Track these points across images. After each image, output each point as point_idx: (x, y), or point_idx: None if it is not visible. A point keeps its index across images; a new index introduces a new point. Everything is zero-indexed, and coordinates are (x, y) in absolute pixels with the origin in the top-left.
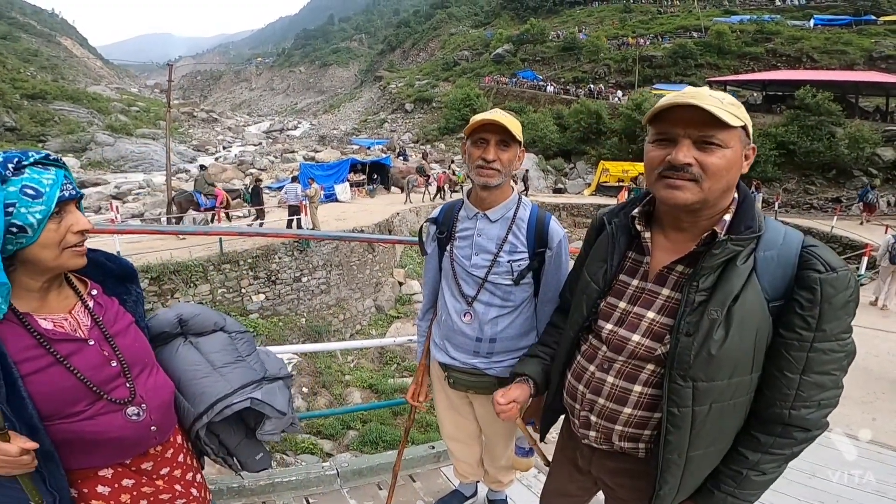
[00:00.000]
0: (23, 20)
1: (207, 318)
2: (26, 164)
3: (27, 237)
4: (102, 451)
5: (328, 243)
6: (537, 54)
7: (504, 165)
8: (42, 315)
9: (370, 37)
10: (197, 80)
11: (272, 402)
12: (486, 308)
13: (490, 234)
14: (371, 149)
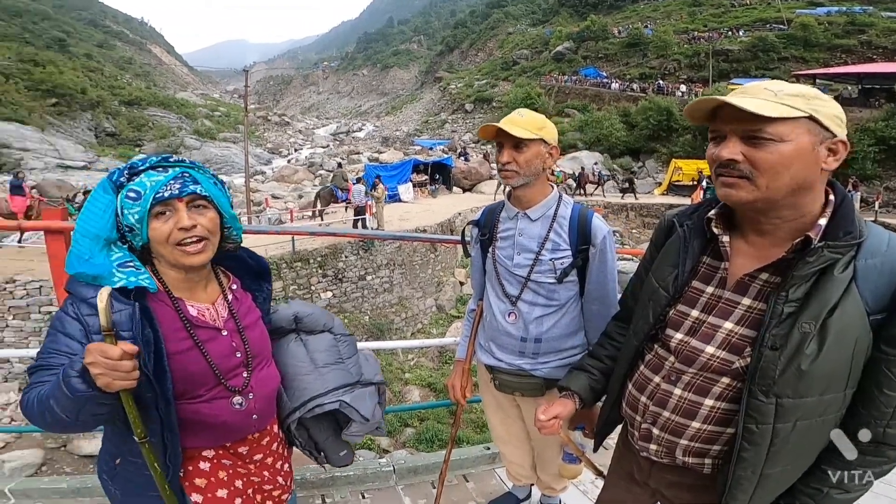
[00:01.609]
0: (117, 29)
1: (318, 318)
2: (141, 169)
3: (138, 235)
4: (211, 432)
5: (392, 243)
6: (600, 51)
7: (522, 166)
8: (191, 302)
9: (428, 38)
10: (270, 85)
11: (359, 407)
12: (530, 307)
13: (531, 233)
14: (433, 149)
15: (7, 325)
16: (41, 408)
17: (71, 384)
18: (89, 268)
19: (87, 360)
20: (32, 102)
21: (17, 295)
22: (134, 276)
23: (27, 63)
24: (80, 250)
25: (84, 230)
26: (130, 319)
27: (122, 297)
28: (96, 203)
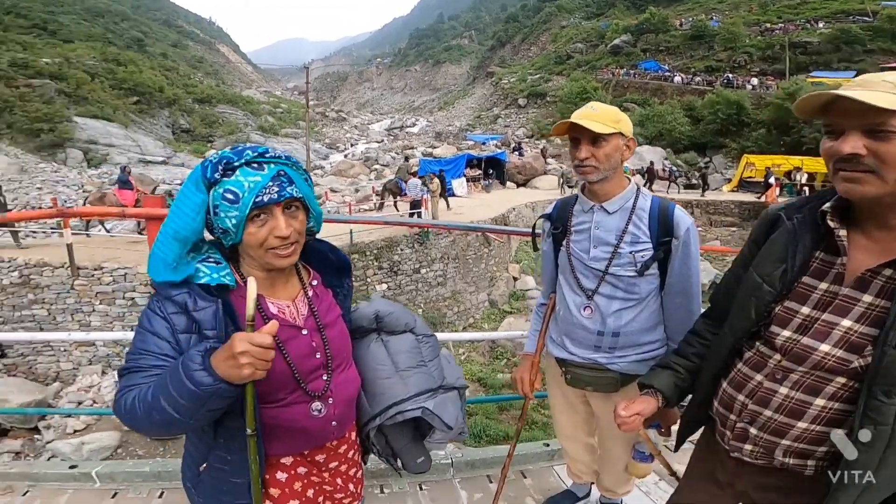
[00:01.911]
0: (188, 29)
1: (400, 317)
2: (238, 164)
3: (231, 237)
4: (289, 439)
5: (446, 237)
6: (660, 44)
7: (601, 161)
8: (272, 299)
9: (479, 33)
10: (326, 82)
11: (442, 414)
12: (608, 301)
13: (609, 226)
14: (486, 144)
15: (94, 310)
16: (147, 408)
17: (196, 378)
18: (176, 276)
19: (239, 349)
20: (116, 101)
21: (105, 281)
22: (216, 272)
23: (111, 63)
24: (167, 255)
25: (175, 232)
26: (214, 317)
27: (204, 293)
28: (187, 202)
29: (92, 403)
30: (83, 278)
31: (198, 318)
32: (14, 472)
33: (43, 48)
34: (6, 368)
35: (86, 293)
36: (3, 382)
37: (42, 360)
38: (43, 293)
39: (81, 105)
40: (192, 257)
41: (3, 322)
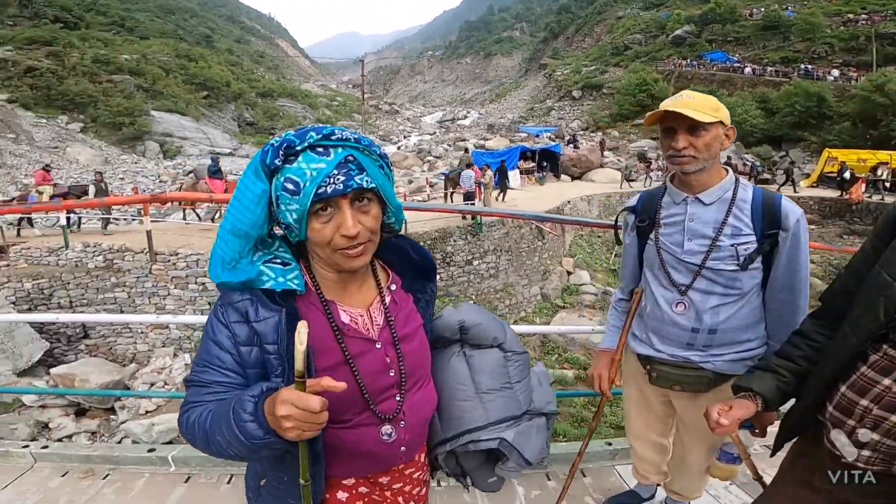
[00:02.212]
0: (250, 24)
1: (488, 329)
2: (300, 148)
3: (295, 233)
4: (353, 463)
5: (499, 228)
6: (728, 34)
7: (701, 151)
8: (344, 306)
9: (531, 25)
10: (379, 75)
11: (522, 446)
12: (704, 297)
13: (705, 218)
14: (539, 136)
15: (169, 294)
16: (204, 436)
17: (246, 430)
18: (235, 276)
19: (282, 413)
20: (188, 95)
21: (179, 266)
22: (282, 275)
23: (182, 58)
24: (226, 252)
25: (233, 227)
26: (276, 330)
27: (267, 299)
28: (247, 193)
29: (163, 385)
30: (160, 263)
31: (258, 329)
32: (97, 456)
33: (122, 45)
34: (88, 349)
35: (162, 277)
36: (86, 363)
37: (121, 341)
38: (124, 277)
39: (157, 99)
40: (259, 256)
41: (88, 304)
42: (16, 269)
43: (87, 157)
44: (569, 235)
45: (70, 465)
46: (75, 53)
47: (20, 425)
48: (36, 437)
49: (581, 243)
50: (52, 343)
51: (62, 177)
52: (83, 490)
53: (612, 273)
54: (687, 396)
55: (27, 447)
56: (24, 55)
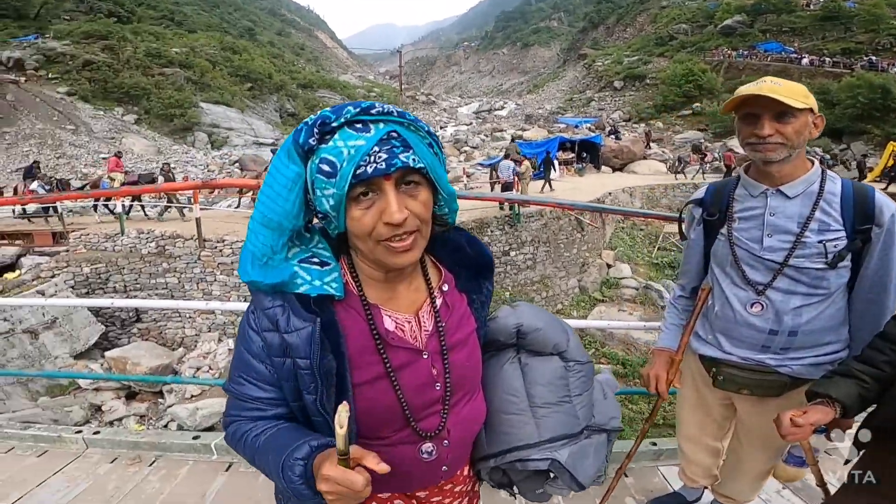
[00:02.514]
0: (290, 17)
1: (550, 336)
2: (336, 125)
3: (334, 223)
4: (390, 481)
5: (537, 219)
6: (783, 25)
7: (789, 138)
8: (388, 311)
9: (569, 15)
10: (416, 66)
11: (575, 469)
12: (785, 297)
13: (788, 212)
14: (579, 127)
15: (216, 280)
16: (251, 460)
17: (297, 490)
18: (268, 275)
19: (323, 489)
20: (234, 87)
21: (225, 253)
22: (318, 277)
23: (228, 51)
24: (257, 246)
25: (264, 216)
26: (309, 343)
27: (301, 306)
28: (279, 177)
29: (208, 369)
30: (208, 250)
31: (289, 341)
32: (144, 442)
33: (172, 38)
34: (140, 332)
35: (209, 263)
36: (138, 346)
37: (171, 325)
38: (175, 262)
39: (205, 91)
40: (295, 253)
41: (141, 288)
42: (75, 255)
43: (141, 148)
44: (609, 227)
45: (119, 451)
46: (129, 47)
47: (75, 408)
48: (89, 419)
49: (622, 236)
50: (107, 326)
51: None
52: (130, 477)
53: (655, 267)
54: (754, 400)
55: (80, 433)
56: (81, 49)
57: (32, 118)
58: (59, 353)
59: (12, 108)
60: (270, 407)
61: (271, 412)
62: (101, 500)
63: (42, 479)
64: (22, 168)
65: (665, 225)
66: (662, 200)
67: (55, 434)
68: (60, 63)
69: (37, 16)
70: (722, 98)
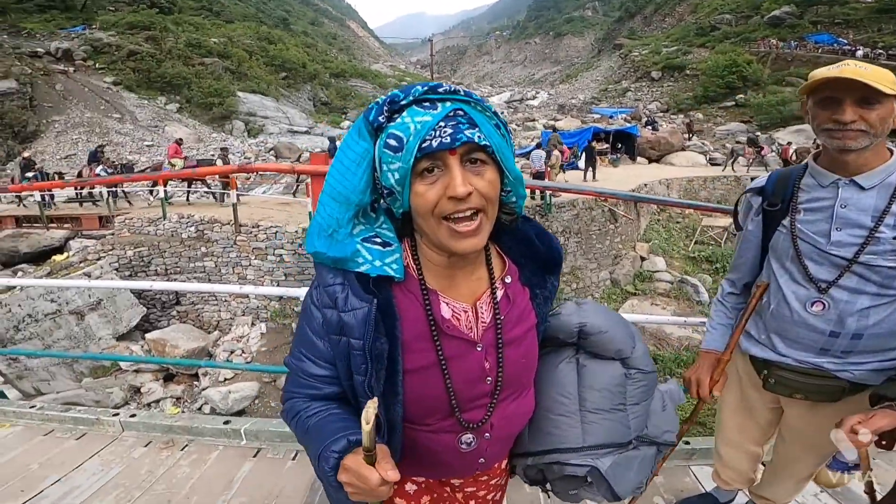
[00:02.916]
0: (323, 7)
1: (614, 339)
2: (405, 103)
3: (399, 200)
4: (426, 466)
5: (570, 210)
6: (836, 16)
7: (874, 125)
8: (447, 298)
9: (603, 4)
10: (447, 55)
11: (614, 480)
12: (851, 296)
13: (862, 205)
14: (613, 118)
15: (250, 264)
16: (298, 438)
17: (327, 479)
18: (332, 247)
19: (342, 479)
20: (269, 76)
21: (260, 238)
22: (380, 258)
23: (263, 41)
24: (325, 219)
25: (332, 189)
26: (364, 324)
27: (360, 286)
28: (348, 152)
29: (241, 353)
30: (243, 235)
31: (345, 320)
32: (178, 426)
33: (211, 28)
34: (179, 315)
35: (245, 248)
36: (176, 328)
37: (207, 309)
38: (213, 247)
39: (242, 81)
40: (360, 231)
41: (181, 272)
42: (120, 238)
43: (182, 135)
44: (644, 219)
45: (153, 434)
46: (170, 38)
47: (115, 389)
48: (128, 401)
49: (657, 228)
50: (148, 309)
51: (160, 154)
52: (162, 461)
53: (692, 261)
54: (807, 405)
55: (117, 415)
56: (126, 39)
57: (81, 107)
58: (103, 334)
59: (62, 97)
60: (325, 385)
61: (326, 390)
62: (133, 485)
63: (79, 462)
64: (74, 154)
65: (703, 217)
66: (701, 193)
67: (94, 417)
68: (107, 53)
69: (83, 7)
70: (768, 90)
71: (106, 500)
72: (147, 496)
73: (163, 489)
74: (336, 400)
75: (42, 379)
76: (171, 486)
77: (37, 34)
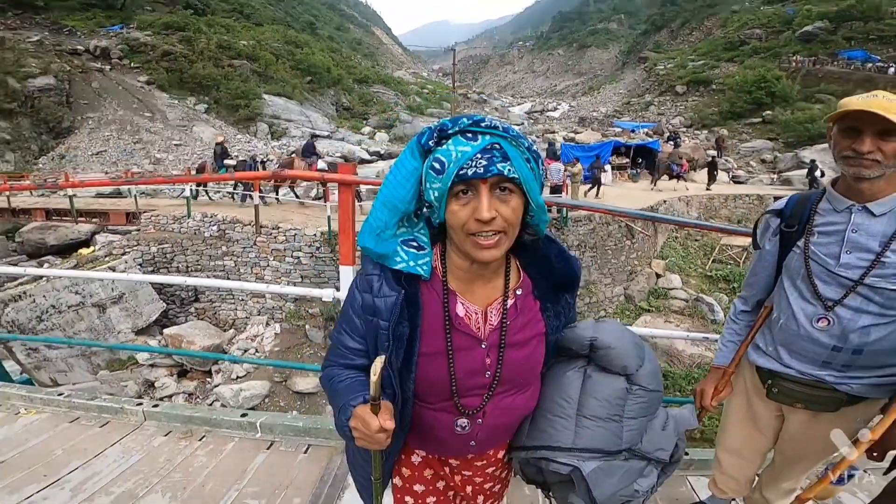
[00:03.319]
0: (349, 12)
1: (621, 356)
2: (452, 133)
3: (436, 213)
4: (427, 439)
5: (586, 224)
6: (870, 32)
7: (889, 157)
8: (463, 299)
9: (630, 17)
10: (469, 64)
11: (594, 483)
12: (854, 315)
13: (872, 231)
14: (635, 132)
15: (268, 265)
16: (330, 399)
17: (343, 427)
18: (378, 244)
19: (351, 424)
20: (294, 80)
21: (279, 240)
22: (413, 259)
23: (290, 45)
24: (376, 222)
25: (385, 198)
26: (392, 309)
27: (393, 278)
28: (401, 169)
29: (255, 352)
30: (263, 236)
31: (377, 304)
32: (197, 417)
33: (241, 31)
34: (197, 312)
35: (264, 249)
36: (193, 325)
37: (224, 307)
38: (233, 246)
39: (268, 83)
40: (402, 233)
41: (202, 269)
42: (145, 234)
43: (209, 136)
44: (661, 236)
45: (174, 424)
46: (203, 39)
47: (130, 383)
48: (142, 395)
49: (675, 245)
50: (167, 304)
51: (188, 153)
52: (180, 451)
53: (708, 279)
54: (808, 414)
55: (140, 405)
56: (161, 40)
57: (115, 105)
58: (123, 327)
59: (97, 94)
60: (357, 357)
61: (357, 361)
62: (151, 472)
63: (101, 449)
64: (105, 151)
65: (722, 237)
66: (722, 211)
67: (118, 405)
68: (142, 53)
69: (122, 6)
70: (797, 107)
71: (125, 487)
72: (164, 483)
73: (179, 477)
74: (364, 371)
75: (60, 370)
76: (187, 475)
77: (78, 32)
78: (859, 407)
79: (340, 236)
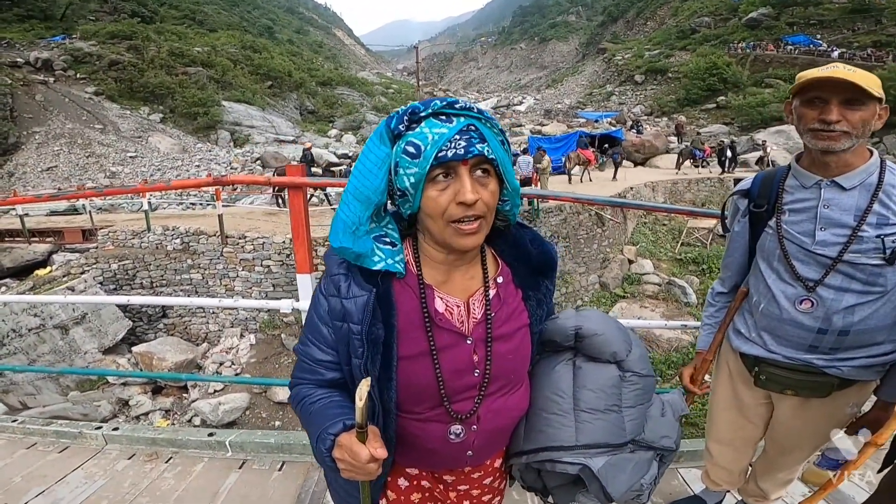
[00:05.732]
0: (308, 15)
1: (608, 343)
2: (424, 115)
3: (409, 202)
4: (417, 454)
5: (557, 214)
6: (811, 17)
7: (855, 126)
8: (441, 293)
9: (587, 9)
10: (433, 62)
11: (607, 480)
12: (837, 294)
13: (844, 205)
14: (599, 122)
15: (237, 276)
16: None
17: (323, 459)
18: (354, 243)
19: (336, 455)
20: (254, 85)
21: (247, 249)
22: (391, 256)
23: (248, 50)
24: (349, 216)
25: (356, 189)
26: (363, 310)
27: (362, 276)
28: (371, 157)
29: (230, 364)
30: (230, 246)
31: (346, 307)
32: (162, 439)
33: (194, 38)
34: (166, 328)
35: (232, 260)
36: (163, 341)
37: (195, 321)
38: (199, 259)
39: (227, 90)
40: (371, 229)
41: (167, 284)
42: (103, 251)
43: (167, 146)
44: (631, 223)
45: (137, 447)
46: (153, 47)
47: (103, 402)
48: (116, 414)
49: (644, 231)
50: (134, 322)
51: (145, 164)
52: (146, 474)
53: (678, 262)
54: (798, 401)
55: (99, 429)
56: (107, 49)
57: (62, 118)
58: (89, 347)
59: (42, 108)
60: (328, 370)
61: (328, 376)
62: (117, 497)
63: (62, 475)
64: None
65: (689, 220)
66: (686, 195)
67: (76, 430)
68: (88, 63)
69: (63, 17)
70: (748, 91)
71: None
72: None
73: (146, 501)
74: (338, 387)
75: (28, 393)
76: (155, 499)
77: (16, 44)
78: (851, 390)
79: (295, 243)
